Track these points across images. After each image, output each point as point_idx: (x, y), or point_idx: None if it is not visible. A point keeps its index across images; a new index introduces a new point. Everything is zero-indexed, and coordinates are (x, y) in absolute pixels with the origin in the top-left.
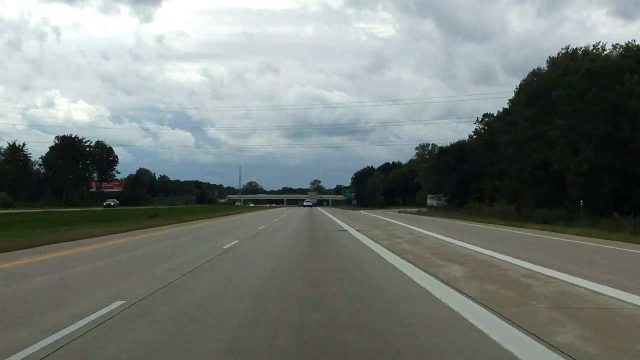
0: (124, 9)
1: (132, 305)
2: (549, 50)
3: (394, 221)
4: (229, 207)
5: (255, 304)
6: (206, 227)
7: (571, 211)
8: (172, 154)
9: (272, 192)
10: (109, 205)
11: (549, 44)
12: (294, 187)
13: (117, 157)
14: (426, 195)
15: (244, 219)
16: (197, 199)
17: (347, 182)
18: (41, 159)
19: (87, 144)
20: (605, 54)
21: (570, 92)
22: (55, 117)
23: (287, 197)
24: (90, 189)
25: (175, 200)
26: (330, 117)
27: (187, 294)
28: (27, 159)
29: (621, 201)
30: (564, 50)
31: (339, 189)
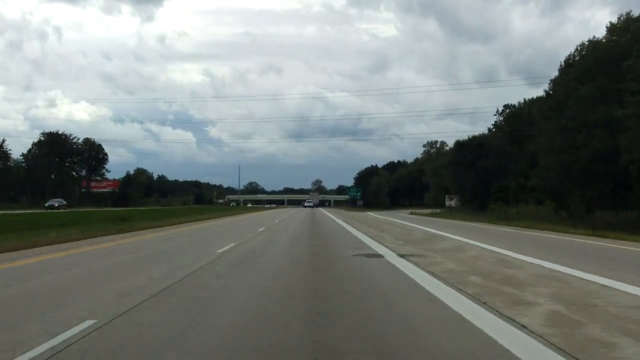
0: (126, 8)
1: None
2: (551, 50)
3: (427, 229)
4: (224, 209)
5: None
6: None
7: None
8: (173, 154)
9: (273, 192)
10: (51, 206)
11: (552, 44)
12: (296, 187)
13: (106, 154)
14: (435, 195)
15: (222, 226)
16: (196, 199)
17: (349, 182)
18: (22, 156)
19: (75, 140)
20: None
21: None
22: (57, 117)
23: (288, 197)
24: (82, 189)
25: (170, 201)
26: (332, 117)
27: None
28: (7, 156)
29: None
30: (625, 15)
31: (341, 189)
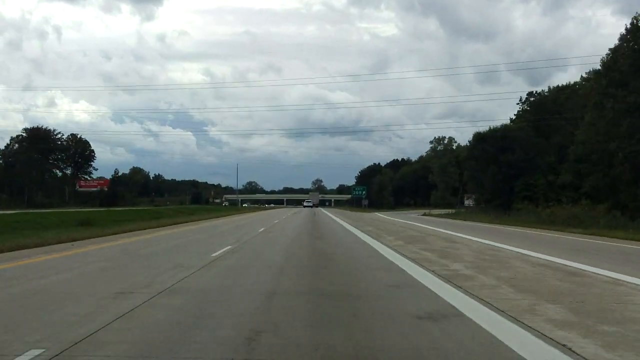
0: (126, 7)
1: None
2: (552, 50)
3: (477, 239)
4: (215, 209)
5: None
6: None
7: None
8: (173, 154)
9: (272, 192)
10: None
11: (552, 44)
12: (296, 187)
13: (93, 151)
14: (442, 194)
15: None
16: (193, 199)
17: (350, 182)
18: None
19: (59, 136)
20: None
21: None
22: (56, 117)
23: (288, 197)
24: (76, 189)
25: (165, 200)
26: (332, 116)
27: None
28: None
29: None
30: None
31: (341, 189)
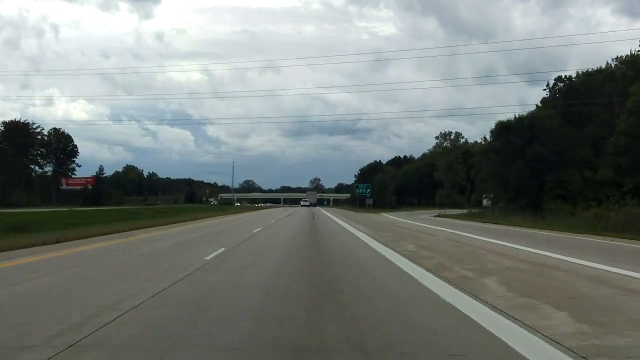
0: (124, 5)
1: None
2: (552, 49)
3: (579, 261)
4: (204, 208)
5: None
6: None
7: None
8: (171, 152)
9: (270, 191)
10: None
11: (552, 43)
12: (293, 186)
13: (76, 147)
14: (448, 193)
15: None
16: (187, 198)
17: (349, 181)
18: None
19: (39, 130)
20: None
21: None
22: (54, 115)
23: (285, 196)
24: (60, 186)
25: (157, 199)
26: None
27: None
28: None
29: None
30: None
31: (340, 187)
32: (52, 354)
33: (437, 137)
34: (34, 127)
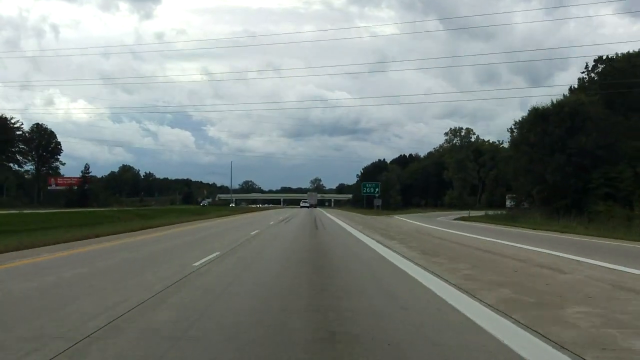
0: (124, 5)
1: None
2: (553, 49)
3: None
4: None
5: None
6: None
7: None
8: (171, 153)
9: (270, 191)
10: None
11: (553, 43)
12: (294, 186)
13: (60, 144)
14: (459, 193)
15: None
16: (184, 198)
17: (350, 181)
18: None
19: (18, 125)
20: None
21: None
22: (54, 116)
23: (285, 196)
24: (48, 186)
25: (150, 201)
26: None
27: None
28: None
29: None
30: None
31: (341, 188)
32: None
33: (446, 134)
34: (13, 122)
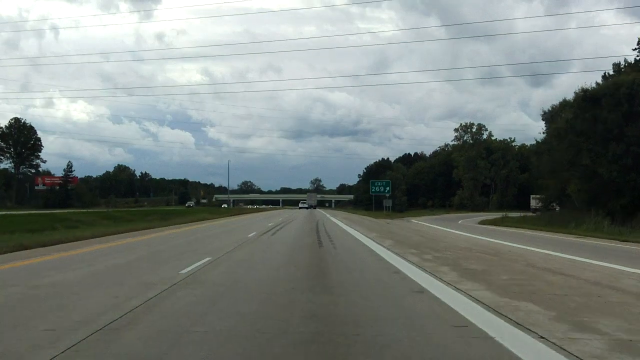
0: (124, 6)
1: None
2: (554, 49)
3: None
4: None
5: None
6: None
7: None
8: (172, 154)
9: (270, 192)
10: None
11: (554, 43)
12: (294, 187)
13: (39, 140)
14: (470, 194)
15: None
16: (180, 199)
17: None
18: None
19: None
20: None
21: None
22: (54, 117)
23: (284, 197)
24: (36, 186)
25: (143, 201)
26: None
27: None
28: None
29: None
30: None
31: (342, 189)
32: None
33: (456, 130)
34: None
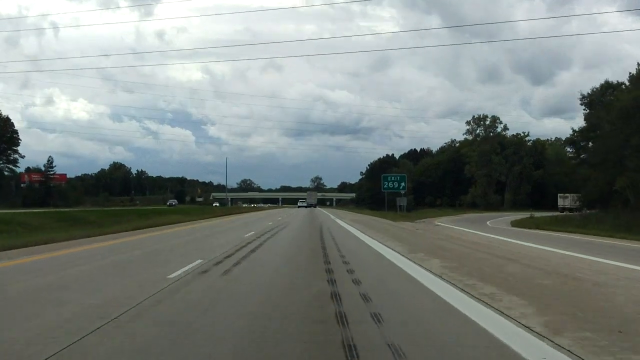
0: (124, 3)
1: None
2: (555, 48)
3: None
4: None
5: None
6: None
7: None
8: (172, 152)
9: (269, 190)
10: None
11: (556, 42)
12: (294, 185)
13: (17, 133)
14: (483, 192)
15: None
16: (177, 197)
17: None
18: None
19: None
20: None
21: None
22: (54, 115)
23: (284, 195)
24: (21, 184)
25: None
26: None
27: None
28: None
29: None
30: None
31: (343, 187)
32: None
33: (467, 123)
34: None
